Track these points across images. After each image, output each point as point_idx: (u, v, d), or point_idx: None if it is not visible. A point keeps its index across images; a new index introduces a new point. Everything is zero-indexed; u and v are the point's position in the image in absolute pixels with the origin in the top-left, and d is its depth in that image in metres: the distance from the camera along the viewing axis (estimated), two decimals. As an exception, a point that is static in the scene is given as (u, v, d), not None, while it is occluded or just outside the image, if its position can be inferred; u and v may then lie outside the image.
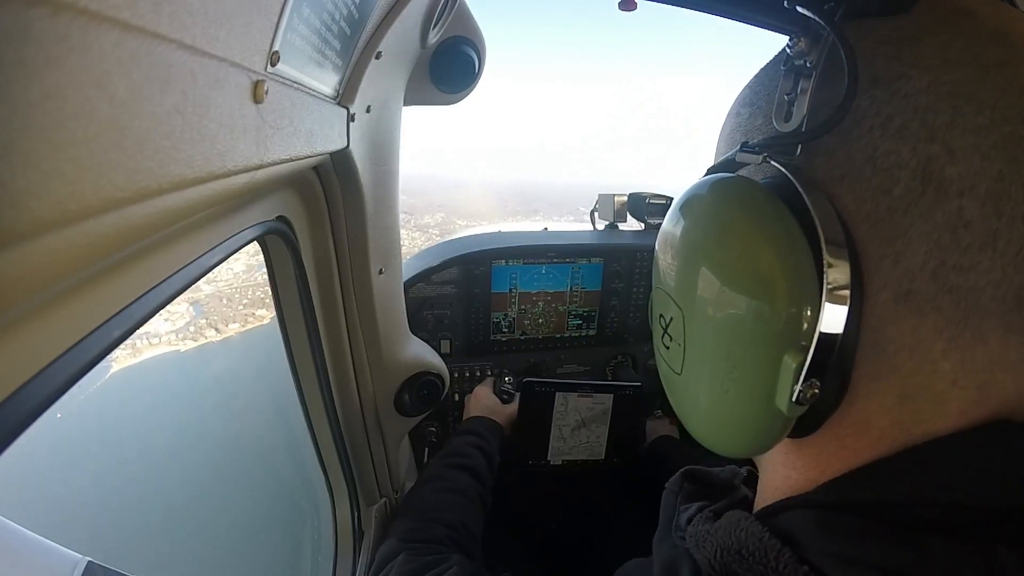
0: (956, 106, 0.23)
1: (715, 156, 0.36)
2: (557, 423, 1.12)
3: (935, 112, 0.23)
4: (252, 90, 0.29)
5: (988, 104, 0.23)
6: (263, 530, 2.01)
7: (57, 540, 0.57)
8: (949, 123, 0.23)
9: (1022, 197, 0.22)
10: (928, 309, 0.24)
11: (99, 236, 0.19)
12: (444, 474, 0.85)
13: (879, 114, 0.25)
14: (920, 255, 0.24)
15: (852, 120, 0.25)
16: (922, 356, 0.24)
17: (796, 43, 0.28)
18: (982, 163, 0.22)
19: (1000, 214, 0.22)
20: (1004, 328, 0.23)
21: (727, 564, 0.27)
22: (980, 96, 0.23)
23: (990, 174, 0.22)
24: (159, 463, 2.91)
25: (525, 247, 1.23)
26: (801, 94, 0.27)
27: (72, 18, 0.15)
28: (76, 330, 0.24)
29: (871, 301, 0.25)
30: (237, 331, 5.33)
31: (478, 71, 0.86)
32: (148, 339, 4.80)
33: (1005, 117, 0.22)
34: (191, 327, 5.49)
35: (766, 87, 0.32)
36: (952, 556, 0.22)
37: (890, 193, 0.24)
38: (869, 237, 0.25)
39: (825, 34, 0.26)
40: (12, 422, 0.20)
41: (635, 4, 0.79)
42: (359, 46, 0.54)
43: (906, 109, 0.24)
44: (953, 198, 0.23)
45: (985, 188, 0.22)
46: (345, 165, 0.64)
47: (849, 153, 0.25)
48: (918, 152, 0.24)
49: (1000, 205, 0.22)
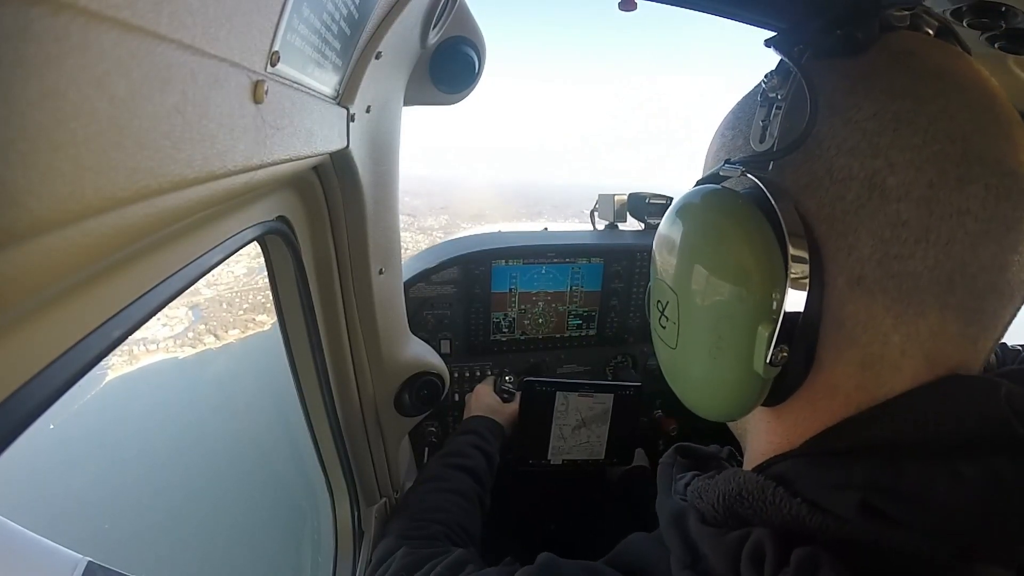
0: (897, 129, 0.29)
1: (703, 168, 0.43)
2: (558, 422, 1.12)
3: (879, 134, 0.29)
4: (252, 90, 0.29)
5: (922, 128, 0.28)
6: (263, 530, 2.01)
7: (57, 540, 0.57)
8: (890, 143, 0.29)
9: (949, 200, 0.28)
10: (877, 291, 0.29)
11: (99, 236, 0.19)
12: (443, 474, 0.85)
13: (835, 136, 0.31)
14: (868, 247, 0.29)
15: (814, 141, 0.31)
16: (875, 330, 0.30)
17: (770, 80, 0.34)
18: (916, 174, 0.28)
19: (931, 213, 0.28)
20: (941, 305, 0.29)
21: (729, 506, 0.32)
22: (916, 121, 0.29)
23: (923, 182, 0.28)
24: (158, 463, 2.91)
25: (525, 247, 1.23)
26: (773, 120, 0.33)
27: (72, 18, 0.15)
28: (76, 330, 0.24)
29: (830, 286, 0.30)
30: (237, 337, 5.24)
31: (478, 71, 0.86)
32: (145, 345, 4.74)
33: (935, 138, 0.28)
34: (189, 333, 5.40)
35: (746, 113, 0.38)
36: (925, 470, 0.27)
37: (843, 199, 0.30)
38: (827, 234, 0.31)
39: (793, 73, 0.32)
40: (12, 422, 0.20)
41: (635, 4, 0.79)
42: (359, 46, 0.54)
43: (856, 132, 0.30)
44: (893, 202, 0.29)
45: (918, 193, 0.28)
46: (345, 165, 0.64)
47: (812, 168, 0.31)
48: (865, 166, 0.29)
49: (932, 206, 0.28)
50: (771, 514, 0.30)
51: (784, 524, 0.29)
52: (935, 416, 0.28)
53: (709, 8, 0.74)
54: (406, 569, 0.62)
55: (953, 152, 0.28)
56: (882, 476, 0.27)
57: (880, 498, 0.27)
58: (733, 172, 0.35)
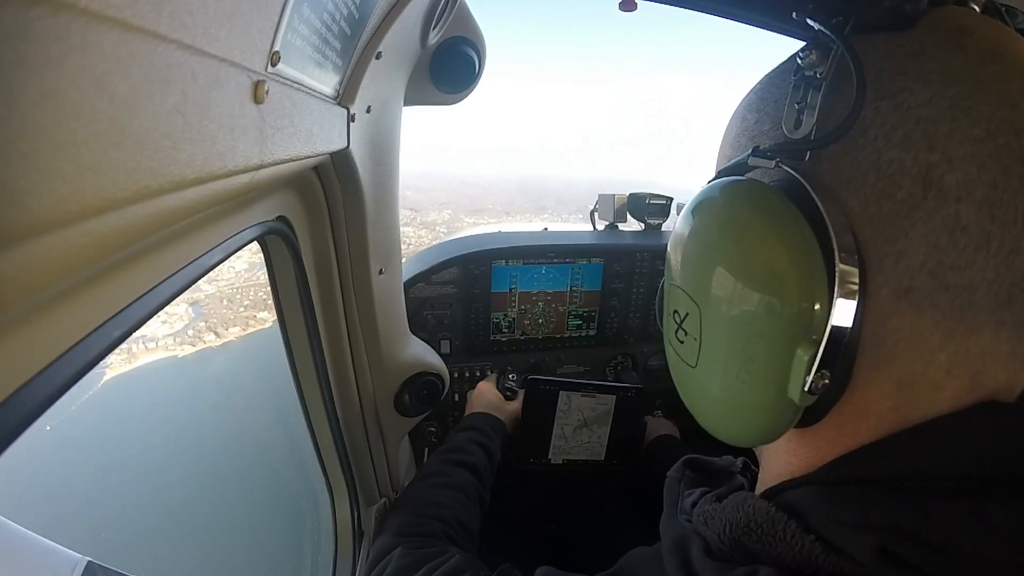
0: (955, 118, 0.25)
1: (718, 158, 0.37)
2: (559, 422, 1.12)
3: (935, 123, 0.25)
4: (252, 90, 0.29)
5: (984, 117, 0.25)
6: (263, 530, 2.01)
7: (57, 540, 0.57)
8: (948, 134, 0.25)
9: (1013, 203, 0.24)
10: (926, 305, 0.26)
11: (99, 236, 0.19)
12: (443, 470, 0.84)
13: (883, 124, 0.26)
14: (920, 255, 0.26)
15: (859, 129, 0.27)
16: (919, 347, 0.26)
17: (807, 55, 0.29)
18: (978, 172, 0.24)
19: (994, 218, 0.24)
20: (996, 322, 0.25)
21: (736, 538, 0.29)
22: (977, 110, 0.25)
23: (985, 181, 0.24)
24: (158, 463, 2.91)
25: (525, 247, 1.23)
26: (811, 103, 0.29)
27: (72, 18, 0.15)
28: (76, 330, 0.24)
29: (873, 297, 0.27)
30: (238, 335, 5.17)
31: (478, 71, 0.86)
32: (145, 343, 4.69)
33: (999, 129, 0.24)
34: (190, 330, 5.32)
35: (773, 94, 0.33)
36: (950, 513, 0.24)
37: (893, 197, 0.26)
38: (872, 238, 0.27)
39: (834, 47, 0.28)
40: (12, 422, 0.20)
41: (635, 4, 0.79)
42: (359, 46, 0.54)
43: (909, 120, 0.26)
44: (951, 203, 0.25)
45: (980, 194, 0.24)
46: (345, 165, 0.64)
47: (855, 160, 0.27)
48: (919, 160, 0.25)
49: (994, 210, 0.24)
50: (781, 550, 0.27)
51: (795, 562, 0.27)
52: (967, 447, 0.25)
53: (709, 8, 0.74)
54: (402, 571, 0.60)
55: (1019, 147, 0.24)
56: (904, 518, 0.24)
57: (901, 544, 0.24)
58: (763, 163, 0.30)
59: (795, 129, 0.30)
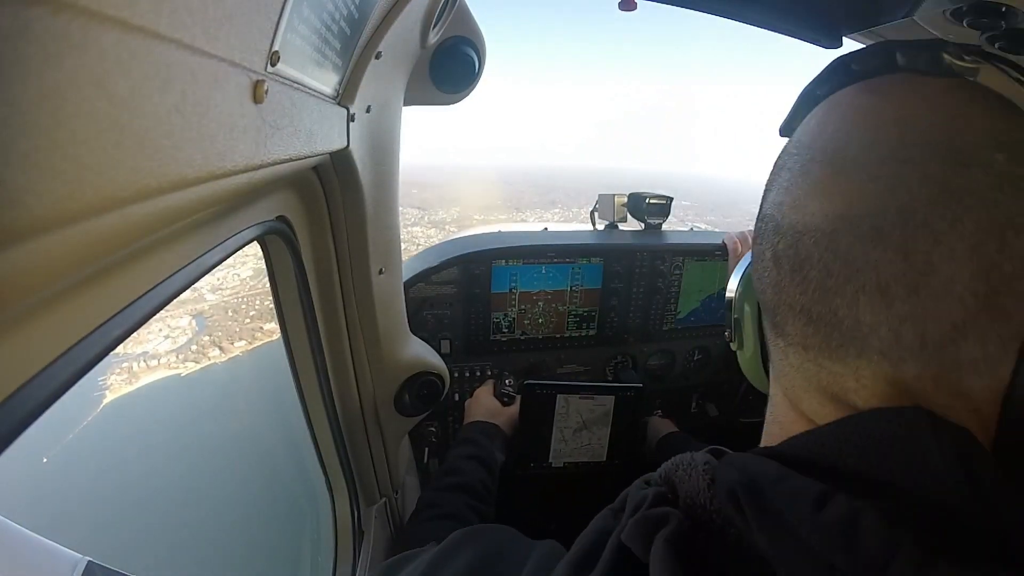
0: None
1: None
2: (559, 425, 1.12)
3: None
4: (252, 90, 0.29)
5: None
6: (263, 530, 2.01)
7: (57, 540, 0.57)
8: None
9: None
10: (778, 333, 0.33)
11: (99, 236, 0.19)
12: (437, 499, 0.85)
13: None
14: (764, 295, 0.33)
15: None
16: (784, 364, 0.33)
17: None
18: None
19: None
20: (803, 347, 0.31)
21: (667, 472, 0.33)
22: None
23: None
24: (158, 463, 2.91)
25: (525, 247, 1.23)
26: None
27: (72, 18, 0.15)
28: (76, 330, 0.24)
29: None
30: (243, 350, 5.01)
31: (478, 71, 0.86)
32: (146, 361, 4.58)
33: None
34: (193, 345, 5.16)
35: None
36: (794, 485, 0.25)
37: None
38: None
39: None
40: (12, 422, 0.20)
41: (635, 4, 0.79)
42: (359, 46, 0.54)
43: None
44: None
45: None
46: (345, 165, 0.64)
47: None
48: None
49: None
50: (686, 485, 0.30)
51: (688, 494, 0.30)
52: (822, 445, 0.27)
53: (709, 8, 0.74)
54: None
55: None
56: (765, 478, 0.26)
57: (745, 491, 0.26)
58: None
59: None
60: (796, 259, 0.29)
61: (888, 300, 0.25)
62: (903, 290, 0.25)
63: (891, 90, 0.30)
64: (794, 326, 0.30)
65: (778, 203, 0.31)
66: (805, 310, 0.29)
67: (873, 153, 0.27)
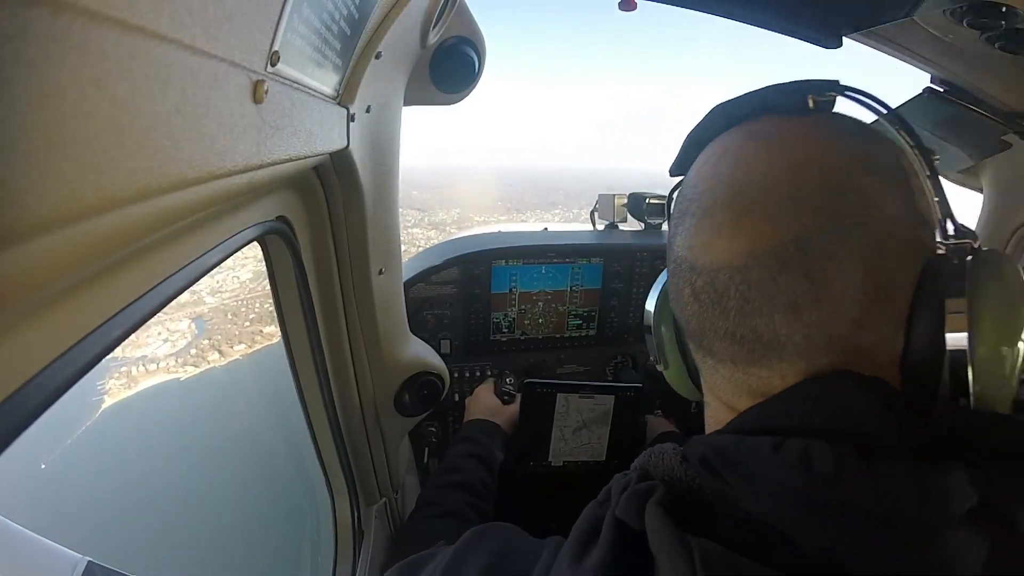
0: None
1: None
2: (558, 424, 1.12)
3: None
4: (252, 90, 0.29)
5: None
6: (264, 531, 2.01)
7: (57, 540, 0.57)
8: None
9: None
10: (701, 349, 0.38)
11: (99, 236, 0.19)
12: (437, 497, 0.86)
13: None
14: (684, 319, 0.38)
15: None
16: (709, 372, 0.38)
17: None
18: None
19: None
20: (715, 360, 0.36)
21: (643, 463, 0.37)
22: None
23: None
24: (158, 465, 2.91)
25: (525, 247, 1.23)
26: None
27: (72, 18, 0.15)
28: (76, 330, 0.24)
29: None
30: (243, 353, 4.99)
31: (478, 71, 0.86)
32: (145, 365, 4.55)
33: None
34: (192, 349, 5.12)
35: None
36: (751, 444, 0.31)
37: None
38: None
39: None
40: (12, 422, 0.20)
41: (635, 4, 0.79)
42: (359, 46, 0.54)
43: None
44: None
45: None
46: (345, 165, 0.64)
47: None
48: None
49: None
50: (662, 467, 0.35)
51: (664, 472, 0.35)
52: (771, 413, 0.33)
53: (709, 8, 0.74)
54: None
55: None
56: (725, 442, 0.32)
57: (714, 455, 0.32)
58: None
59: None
60: (715, 293, 0.34)
61: (798, 313, 0.31)
62: (809, 303, 0.31)
63: (772, 134, 0.35)
64: (720, 346, 0.35)
65: (688, 246, 0.36)
66: (729, 332, 0.34)
67: (769, 195, 0.32)
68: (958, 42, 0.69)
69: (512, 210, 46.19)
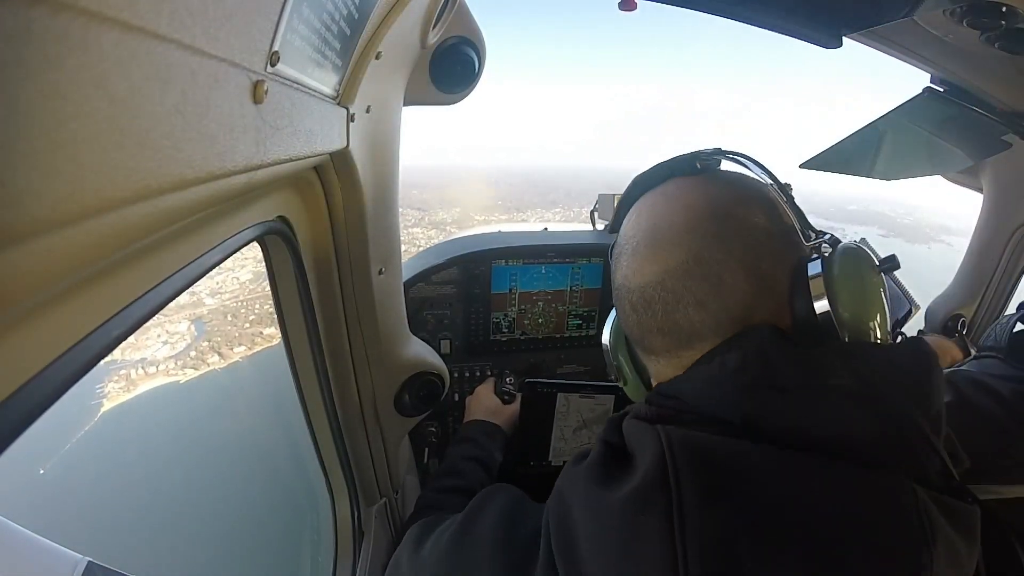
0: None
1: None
2: (559, 424, 1.12)
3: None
4: (252, 90, 0.29)
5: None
6: (263, 530, 2.01)
7: (57, 540, 0.57)
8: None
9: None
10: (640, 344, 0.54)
11: (99, 236, 0.19)
12: (436, 501, 0.86)
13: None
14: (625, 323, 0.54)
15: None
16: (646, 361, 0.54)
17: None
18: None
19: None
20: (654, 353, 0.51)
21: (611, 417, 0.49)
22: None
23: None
24: (159, 464, 2.91)
25: (525, 247, 1.23)
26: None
27: (72, 18, 0.15)
28: (76, 330, 0.24)
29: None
30: (243, 355, 4.93)
31: (478, 71, 0.86)
32: (144, 368, 4.51)
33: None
34: (192, 351, 5.05)
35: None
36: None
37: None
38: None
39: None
40: (12, 422, 0.20)
41: (635, 4, 0.79)
42: (359, 46, 0.54)
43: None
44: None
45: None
46: (345, 165, 0.64)
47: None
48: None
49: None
50: (630, 414, 0.47)
51: (634, 412, 0.47)
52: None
53: (709, 8, 0.74)
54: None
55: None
56: (676, 380, 0.46)
57: (667, 387, 0.46)
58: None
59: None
60: (645, 303, 0.48)
61: (705, 306, 0.44)
62: (711, 298, 0.44)
63: (673, 191, 0.51)
64: (656, 341, 0.48)
65: (625, 275, 0.52)
66: (660, 329, 0.47)
67: (673, 230, 0.47)
68: (958, 42, 0.69)
69: (512, 209, 46.18)
